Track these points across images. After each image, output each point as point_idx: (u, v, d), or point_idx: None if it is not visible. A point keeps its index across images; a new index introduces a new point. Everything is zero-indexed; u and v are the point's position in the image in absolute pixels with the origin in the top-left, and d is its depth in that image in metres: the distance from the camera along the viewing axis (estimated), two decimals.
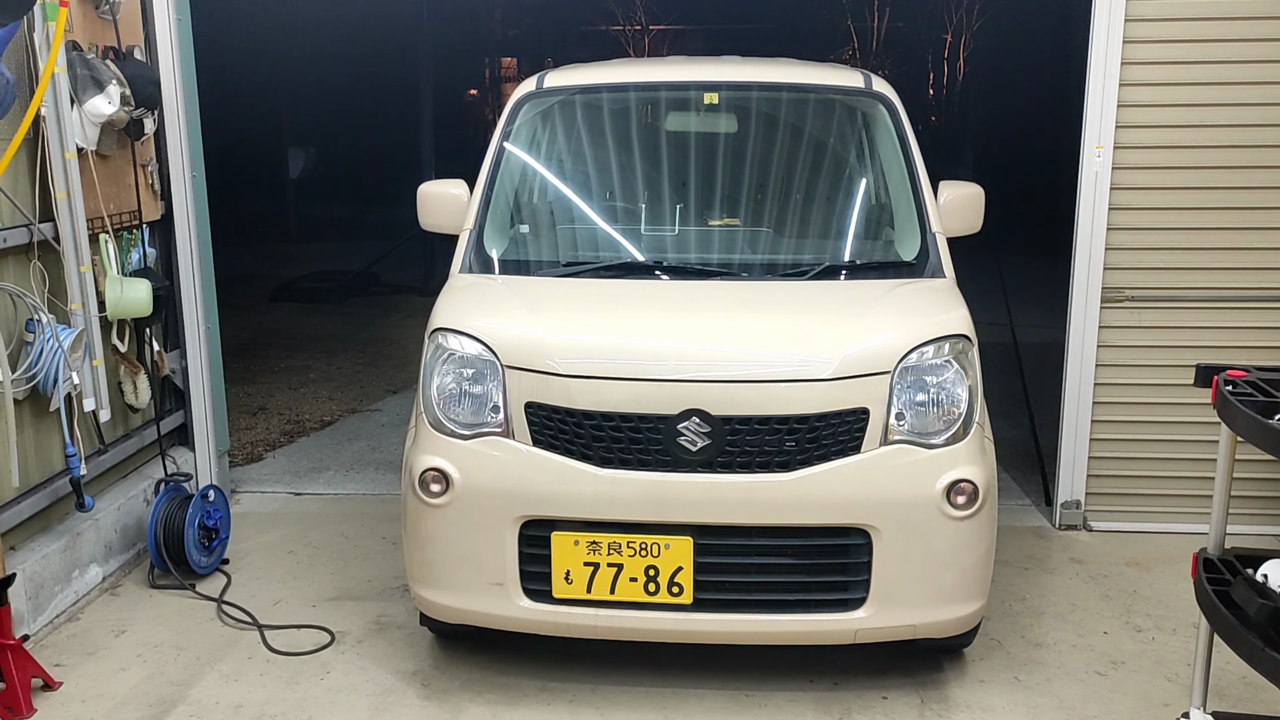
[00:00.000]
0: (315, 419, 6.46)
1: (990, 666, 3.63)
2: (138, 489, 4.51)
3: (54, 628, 3.89)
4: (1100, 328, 4.59)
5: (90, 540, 4.14)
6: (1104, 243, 4.52)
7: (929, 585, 3.19)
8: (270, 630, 3.86)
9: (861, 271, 3.72)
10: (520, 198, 4.08)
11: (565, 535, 3.15)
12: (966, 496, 3.14)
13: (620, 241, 3.93)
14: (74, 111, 3.89)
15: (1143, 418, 4.66)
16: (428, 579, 3.35)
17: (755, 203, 3.99)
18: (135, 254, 4.41)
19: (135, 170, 4.41)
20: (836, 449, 3.14)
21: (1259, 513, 4.65)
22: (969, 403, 3.23)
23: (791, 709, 3.36)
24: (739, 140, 4.12)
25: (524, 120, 4.10)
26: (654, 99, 4.25)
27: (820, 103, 4.18)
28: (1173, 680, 3.55)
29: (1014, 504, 5.07)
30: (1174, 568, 4.36)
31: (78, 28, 4.03)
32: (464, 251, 3.78)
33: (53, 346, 3.76)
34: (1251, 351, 4.48)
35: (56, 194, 3.85)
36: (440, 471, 3.23)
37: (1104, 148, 4.46)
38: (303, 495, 5.25)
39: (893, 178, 3.95)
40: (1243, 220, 4.50)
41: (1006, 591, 4.16)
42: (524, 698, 3.42)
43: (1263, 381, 2.70)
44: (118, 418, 4.41)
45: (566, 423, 3.17)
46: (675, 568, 3.13)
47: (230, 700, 3.43)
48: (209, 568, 4.32)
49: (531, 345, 3.24)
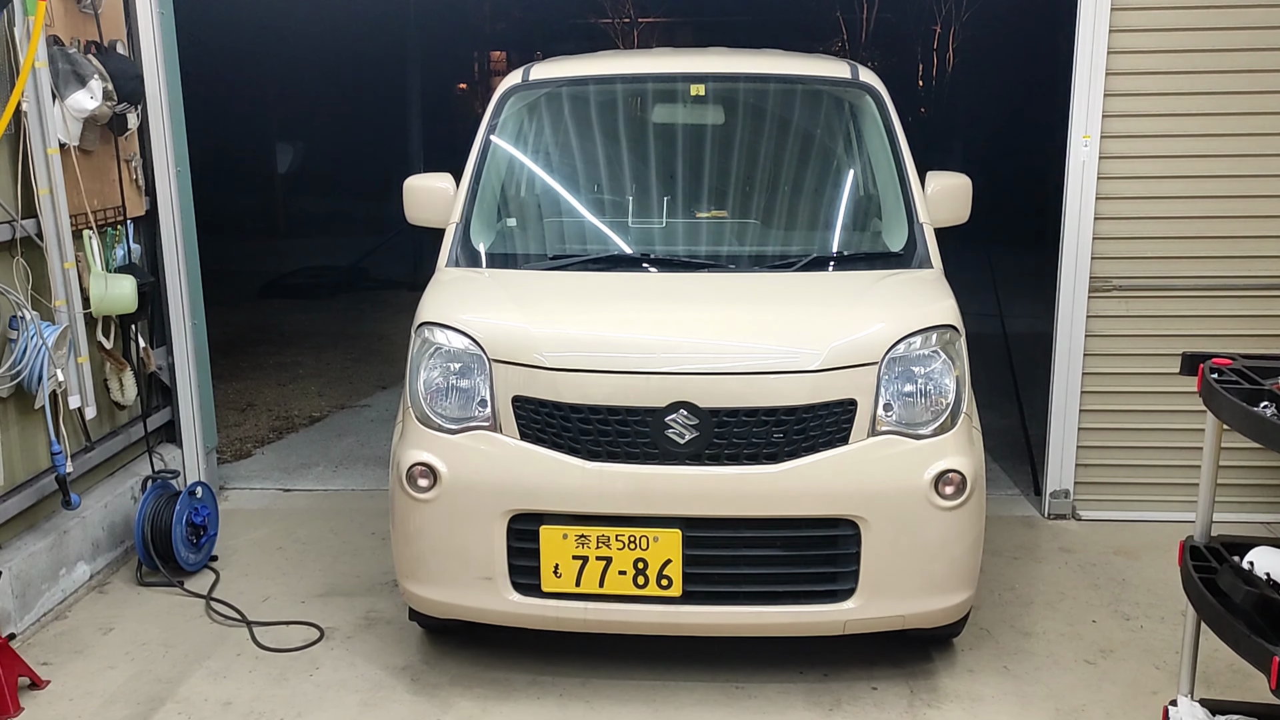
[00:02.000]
0: (304, 415, 6.43)
1: (979, 656, 3.63)
2: (125, 486, 4.49)
3: (41, 626, 3.87)
4: (1088, 317, 4.60)
5: (77, 538, 4.12)
6: (1091, 232, 4.53)
7: (918, 575, 3.19)
8: (259, 627, 3.85)
9: (849, 262, 3.71)
10: (507, 191, 4.06)
11: (554, 529, 3.15)
12: (954, 487, 3.14)
13: (607, 234, 3.91)
14: (56, 106, 3.86)
15: (1131, 407, 4.67)
16: (416, 574, 3.34)
17: (742, 194, 3.98)
18: (120, 250, 4.38)
19: (119, 165, 4.38)
20: (824, 440, 3.14)
21: (1246, 500, 4.66)
22: (956, 393, 3.23)
23: (781, 700, 3.36)
24: (726, 132, 4.11)
25: (510, 113, 4.08)
26: (641, 91, 4.23)
27: (807, 94, 4.17)
28: (1161, 668, 3.56)
29: (1003, 494, 5.08)
30: (1162, 556, 4.37)
31: (59, 22, 4.00)
32: (450, 245, 3.77)
33: (37, 344, 3.74)
34: (1240, 339, 4.49)
35: (39, 190, 3.82)
36: (428, 466, 3.22)
37: (1091, 138, 4.46)
38: (291, 491, 5.23)
39: (880, 168, 3.94)
40: (1229, 209, 4.50)
41: (996, 581, 4.16)
42: (514, 692, 3.42)
43: (1248, 369, 2.70)
44: (104, 415, 4.39)
45: (554, 416, 3.16)
46: (664, 560, 3.12)
47: (219, 697, 3.41)
48: (197, 565, 4.30)
49: (518, 339, 3.23)
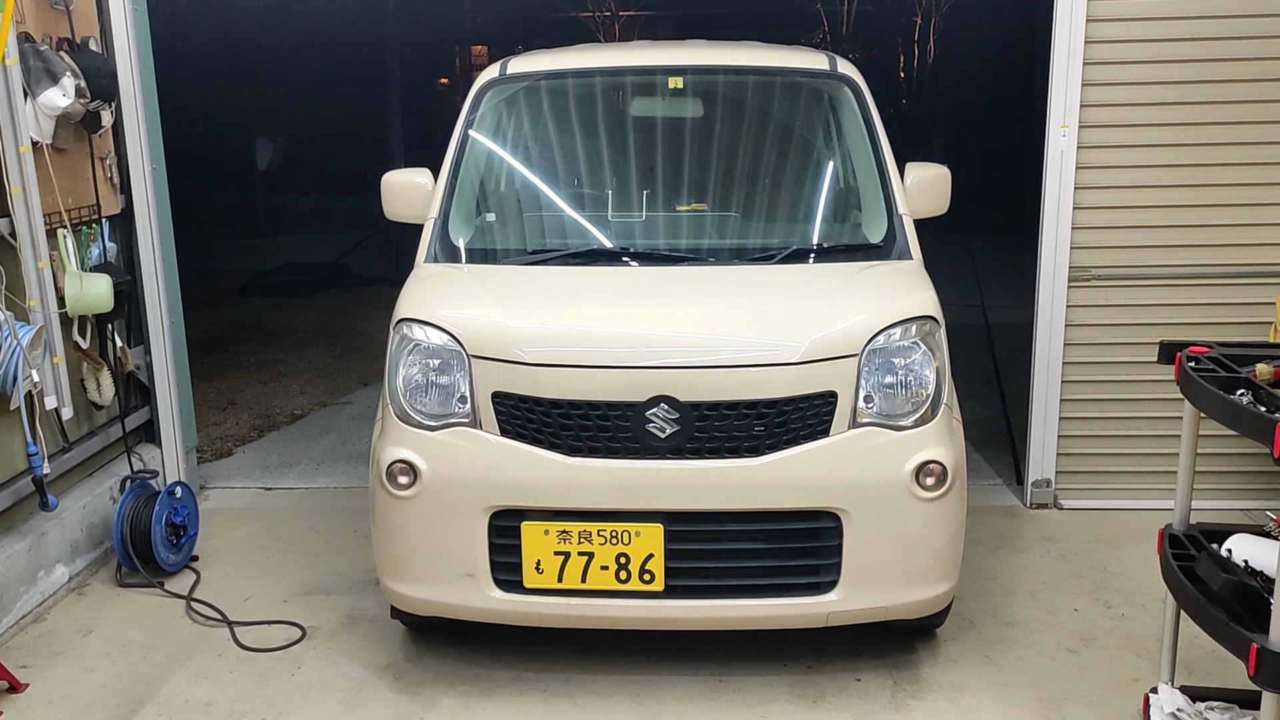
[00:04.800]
0: (285, 413, 6.40)
1: (962, 646, 3.64)
2: (103, 487, 4.45)
3: (20, 629, 3.84)
4: (1068, 307, 4.62)
5: (55, 540, 4.09)
6: (1070, 222, 4.54)
7: (900, 567, 3.20)
8: (240, 627, 3.83)
9: (829, 254, 3.71)
10: (485, 186, 4.04)
11: (535, 525, 3.14)
12: (935, 478, 3.15)
13: (587, 228, 3.90)
14: (27, 104, 3.81)
15: (1111, 395, 4.70)
16: (398, 572, 3.33)
17: (722, 187, 3.97)
18: (95, 249, 4.34)
19: (93, 163, 4.33)
20: (805, 433, 3.14)
21: (1224, 488, 4.69)
22: (937, 384, 3.23)
23: (765, 693, 3.37)
24: (705, 125, 4.10)
25: (488, 107, 4.05)
26: (619, 84, 4.22)
27: (786, 86, 4.16)
28: (1142, 655, 3.58)
29: (985, 484, 5.10)
30: (1143, 544, 4.39)
31: (30, 19, 3.95)
32: (429, 241, 3.74)
33: (11, 344, 3.70)
34: (1219, 328, 4.52)
35: (11, 189, 3.77)
36: (408, 463, 3.20)
37: (1069, 127, 4.47)
38: (273, 490, 5.20)
39: (859, 160, 3.94)
40: (1207, 198, 4.52)
41: (978, 571, 4.18)
42: (497, 689, 3.41)
43: (1225, 357, 2.72)
44: (81, 415, 4.35)
45: (534, 412, 3.15)
46: (646, 555, 3.12)
47: (200, 698, 3.39)
48: (177, 565, 4.27)
49: (498, 334, 3.21)
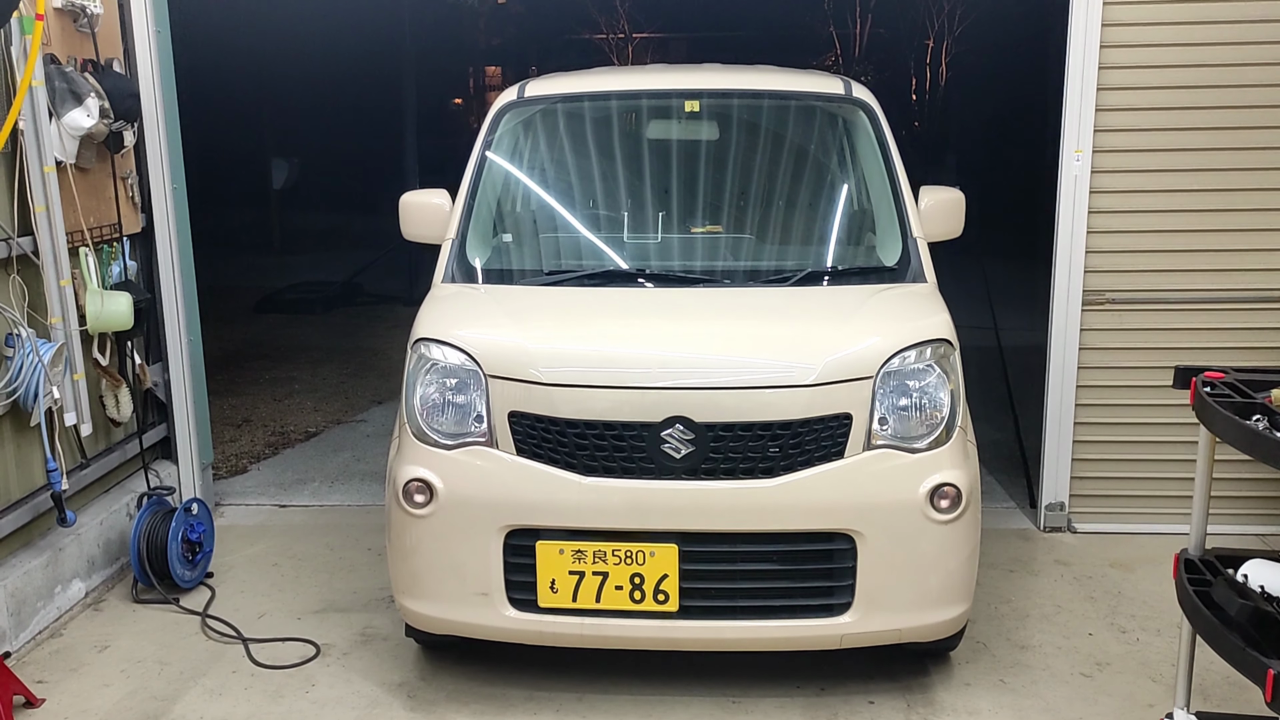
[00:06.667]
0: (300, 430, 6.43)
1: (976, 669, 3.63)
2: (120, 503, 4.48)
3: (36, 644, 3.86)
4: (1082, 330, 4.62)
5: (72, 555, 4.12)
6: (1084, 245, 4.55)
7: (914, 589, 3.20)
8: (255, 644, 3.84)
9: (843, 277, 3.73)
10: (502, 207, 4.07)
11: (550, 544, 3.15)
12: (949, 500, 3.15)
13: (603, 249, 3.93)
14: (52, 125, 3.87)
15: (1125, 419, 4.68)
16: (413, 590, 3.34)
17: (737, 210, 4.00)
18: (116, 267, 4.39)
19: (115, 183, 4.39)
20: (820, 454, 3.14)
21: (1240, 513, 4.68)
22: (951, 407, 3.24)
23: (779, 715, 3.36)
24: (720, 148, 4.13)
25: (505, 129, 4.10)
26: (635, 107, 4.26)
27: (801, 109, 4.20)
28: (1157, 681, 3.56)
29: (999, 506, 5.09)
30: (1158, 568, 4.38)
31: (55, 41, 4.01)
32: (446, 261, 3.78)
33: (33, 361, 3.74)
34: (1233, 352, 4.51)
35: (35, 208, 3.83)
36: (424, 482, 3.22)
37: (1083, 151, 4.49)
38: (288, 507, 5.22)
39: (874, 183, 3.96)
40: (1221, 222, 4.53)
41: (992, 594, 4.17)
42: (510, 707, 3.41)
43: (1240, 382, 2.72)
44: (99, 432, 4.39)
45: (550, 431, 3.17)
46: (660, 575, 3.12)
47: (214, 715, 3.40)
48: (193, 581, 4.29)
49: (514, 354, 3.24)
